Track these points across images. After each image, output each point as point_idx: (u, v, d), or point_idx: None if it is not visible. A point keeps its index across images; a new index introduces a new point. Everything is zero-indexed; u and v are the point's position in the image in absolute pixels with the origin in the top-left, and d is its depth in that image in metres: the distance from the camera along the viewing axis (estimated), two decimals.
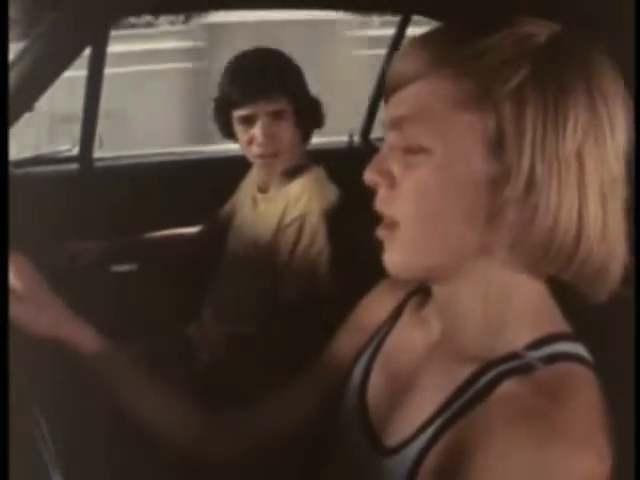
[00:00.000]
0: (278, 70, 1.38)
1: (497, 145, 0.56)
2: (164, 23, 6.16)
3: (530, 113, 0.54)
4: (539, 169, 0.54)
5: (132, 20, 5.32)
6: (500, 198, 0.56)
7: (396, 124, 0.61)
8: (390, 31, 2.13)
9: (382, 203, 0.62)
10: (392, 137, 0.62)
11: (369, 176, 0.62)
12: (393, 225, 0.61)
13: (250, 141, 1.40)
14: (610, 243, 0.57)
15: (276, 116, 1.37)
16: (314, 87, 1.48)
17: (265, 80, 1.35)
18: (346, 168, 1.42)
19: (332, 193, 1.40)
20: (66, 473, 0.55)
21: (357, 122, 2.26)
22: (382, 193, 0.62)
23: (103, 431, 1.06)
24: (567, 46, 0.57)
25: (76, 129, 1.85)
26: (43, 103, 1.43)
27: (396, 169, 0.61)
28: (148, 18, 5.77)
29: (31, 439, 0.57)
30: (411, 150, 0.59)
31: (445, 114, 0.58)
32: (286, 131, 1.39)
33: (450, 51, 0.58)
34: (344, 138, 2.24)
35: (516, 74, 0.55)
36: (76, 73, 1.52)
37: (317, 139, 1.55)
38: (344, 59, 5.76)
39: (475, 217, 0.57)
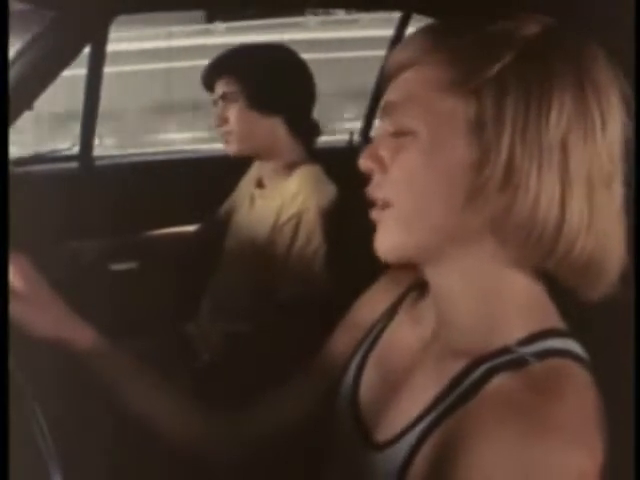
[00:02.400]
0: (234, 56, 1.46)
1: (478, 129, 0.57)
2: None
3: (511, 99, 0.55)
4: (519, 154, 0.55)
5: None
6: (480, 178, 0.57)
7: (387, 110, 0.63)
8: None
9: (375, 188, 0.64)
10: (384, 123, 0.64)
11: (363, 163, 0.65)
12: (385, 205, 0.63)
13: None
14: (601, 237, 0.57)
15: (227, 99, 1.45)
16: None
17: (217, 65, 1.46)
18: (346, 167, 1.42)
19: (329, 191, 1.40)
20: (66, 472, 0.55)
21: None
22: (375, 179, 0.64)
23: (103, 430, 1.06)
24: (559, 39, 0.58)
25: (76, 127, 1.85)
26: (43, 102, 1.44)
27: (386, 154, 0.63)
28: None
29: (31, 438, 0.57)
30: (399, 133, 0.61)
31: (429, 98, 0.59)
32: (234, 113, 1.44)
33: (439, 40, 0.60)
34: (344, 137, 2.24)
35: (499, 60, 0.56)
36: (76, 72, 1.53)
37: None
38: None
39: (458, 198, 0.58)
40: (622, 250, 0.59)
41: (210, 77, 1.47)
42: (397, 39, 2.09)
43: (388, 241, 0.64)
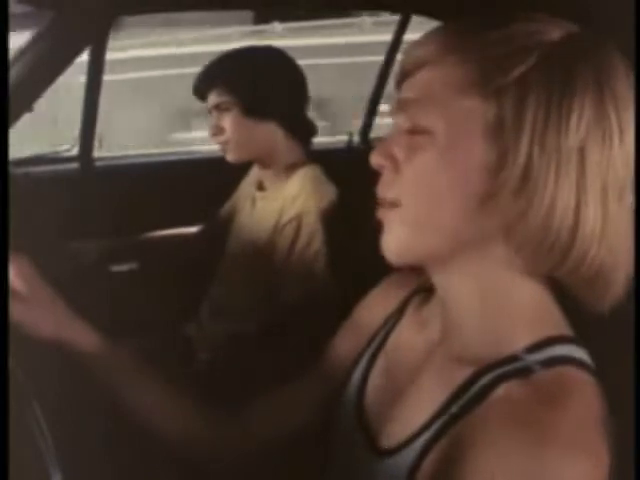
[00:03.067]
0: (225, 65, 1.45)
1: (496, 132, 0.56)
2: None
3: (532, 103, 0.55)
4: (536, 159, 0.54)
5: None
6: (496, 182, 0.56)
7: (402, 107, 0.62)
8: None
9: (385, 187, 0.63)
10: (398, 120, 0.62)
11: (375, 159, 0.63)
12: (394, 204, 0.62)
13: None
14: (612, 248, 0.56)
15: (220, 109, 1.44)
16: None
17: (208, 75, 1.45)
18: (345, 168, 1.42)
19: (330, 192, 1.40)
20: (66, 472, 0.55)
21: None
22: (385, 177, 0.63)
23: (103, 430, 1.06)
24: (581, 45, 0.57)
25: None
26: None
27: (400, 153, 0.61)
28: None
29: (31, 438, 0.57)
30: (414, 131, 0.60)
31: (448, 98, 0.58)
32: (229, 123, 1.44)
33: (461, 39, 0.59)
34: (344, 138, 2.24)
35: (521, 64, 0.55)
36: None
37: (317, 139, 1.55)
38: None
39: (471, 201, 0.58)
40: (630, 262, 0.58)
41: (201, 88, 1.46)
42: (396, 41, 2.09)
43: (396, 243, 0.63)
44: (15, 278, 0.71)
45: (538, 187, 0.55)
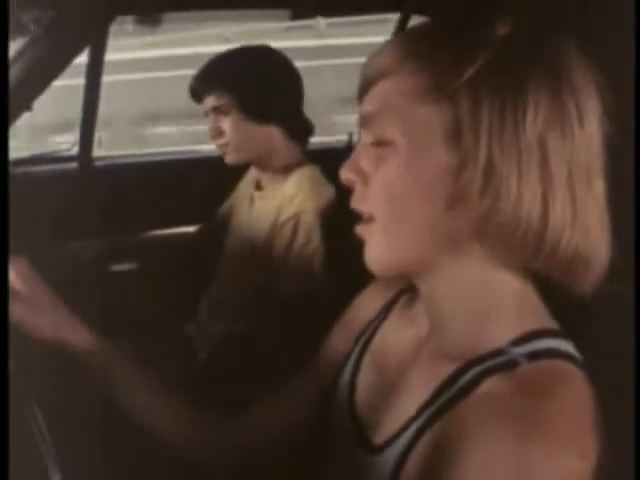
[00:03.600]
0: (222, 66, 1.44)
1: (455, 135, 0.57)
2: None
3: (486, 103, 0.55)
4: (497, 157, 0.55)
5: None
6: (460, 186, 0.57)
7: (365, 122, 0.63)
8: None
9: (358, 200, 0.64)
10: (363, 134, 0.63)
11: (344, 175, 0.64)
12: (369, 220, 0.63)
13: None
14: (585, 231, 0.57)
15: (219, 111, 1.43)
16: None
17: (205, 77, 1.44)
18: None
19: (328, 192, 1.40)
20: (66, 472, 0.55)
21: None
22: (357, 190, 0.64)
23: (103, 430, 1.06)
24: (530, 38, 0.57)
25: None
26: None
27: (368, 166, 0.62)
28: None
29: (31, 439, 0.57)
30: (378, 144, 0.61)
31: (406, 108, 0.59)
32: (229, 124, 1.43)
33: (414, 47, 0.59)
34: (343, 138, 2.24)
35: (471, 65, 0.56)
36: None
37: (317, 139, 1.55)
38: None
39: (440, 205, 0.58)
40: (606, 242, 0.59)
41: (199, 89, 1.45)
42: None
43: (376, 256, 0.64)
44: (15, 279, 0.72)
45: (502, 184, 0.55)
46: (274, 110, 1.44)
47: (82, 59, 1.57)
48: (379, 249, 0.63)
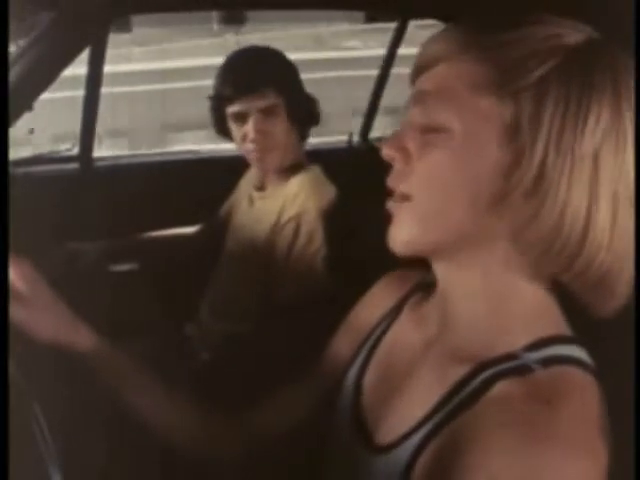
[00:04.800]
0: (269, 66, 1.39)
1: (512, 134, 0.56)
2: None
3: (550, 106, 0.55)
4: (551, 162, 0.54)
5: None
6: (508, 185, 0.56)
7: (419, 99, 0.62)
8: None
9: (396, 179, 0.63)
10: (413, 112, 0.62)
11: (387, 150, 0.63)
12: (405, 198, 0.62)
13: (244, 138, 1.40)
14: (618, 254, 0.56)
15: (268, 112, 1.37)
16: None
17: (255, 76, 1.36)
18: (345, 168, 1.43)
19: (329, 192, 1.40)
20: (66, 472, 0.55)
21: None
22: (397, 169, 0.62)
23: (103, 430, 1.06)
24: (598, 49, 0.57)
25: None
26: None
27: (413, 146, 0.61)
28: None
29: (31, 438, 0.57)
30: (430, 128, 0.60)
31: (466, 96, 0.58)
32: (279, 127, 1.39)
33: (479, 37, 0.59)
34: (344, 138, 2.24)
35: (541, 67, 0.55)
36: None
37: (316, 139, 1.55)
38: None
39: (483, 201, 0.58)
40: (632, 267, 0.58)
41: (244, 87, 1.36)
42: (396, 40, 2.09)
43: (403, 235, 0.63)
44: (17, 281, 0.71)
45: (551, 190, 0.55)
46: (309, 114, 1.43)
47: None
48: (408, 229, 0.62)
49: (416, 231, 0.62)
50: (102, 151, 1.93)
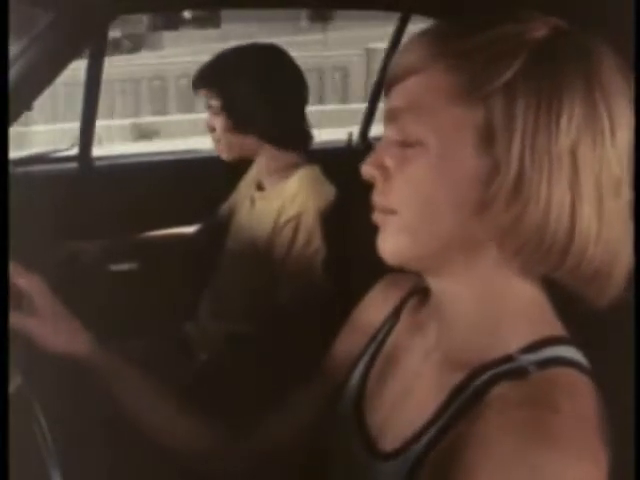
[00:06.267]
0: (221, 68, 1.44)
1: (487, 139, 0.56)
2: None
3: (520, 108, 0.54)
4: (528, 164, 0.54)
5: None
6: (489, 191, 0.56)
7: (392, 116, 0.61)
8: None
9: (379, 196, 0.63)
10: (388, 130, 0.62)
11: (366, 170, 0.63)
12: (390, 212, 0.62)
13: None
14: (610, 245, 0.56)
15: (212, 110, 1.46)
16: None
17: (204, 74, 1.46)
18: (345, 167, 1.42)
19: (329, 192, 1.40)
20: (66, 473, 0.55)
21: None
22: (379, 186, 0.62)
23: (103, 431, 1.06)
24: (568, 42, 0.56)
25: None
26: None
27: (391, 163, 0.61)
28: None
29: (31, 439, 0.57)
30: (407, 143, 0.60)
31: (438, 107, 0.58)
32: (219, 126, 1.46)
33: (447, 45, 0.58)
34: (343, 137, 2.24)
35: (508, 68, 0.55)
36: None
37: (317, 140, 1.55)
38: None
39: (466, 209, 0.57)
40: (629, 256, 0.58)
41: (196, 83, 1.47)
42: (397, 38, 2.08)
43: (391, 245, 0.62)
44: (28, 293, 0.72)
45: (532, 192, 0.54)
46: (257, 125, 1.42)
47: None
48: (395, 241, 0.62)
49: (402, 242, 0.62)
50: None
